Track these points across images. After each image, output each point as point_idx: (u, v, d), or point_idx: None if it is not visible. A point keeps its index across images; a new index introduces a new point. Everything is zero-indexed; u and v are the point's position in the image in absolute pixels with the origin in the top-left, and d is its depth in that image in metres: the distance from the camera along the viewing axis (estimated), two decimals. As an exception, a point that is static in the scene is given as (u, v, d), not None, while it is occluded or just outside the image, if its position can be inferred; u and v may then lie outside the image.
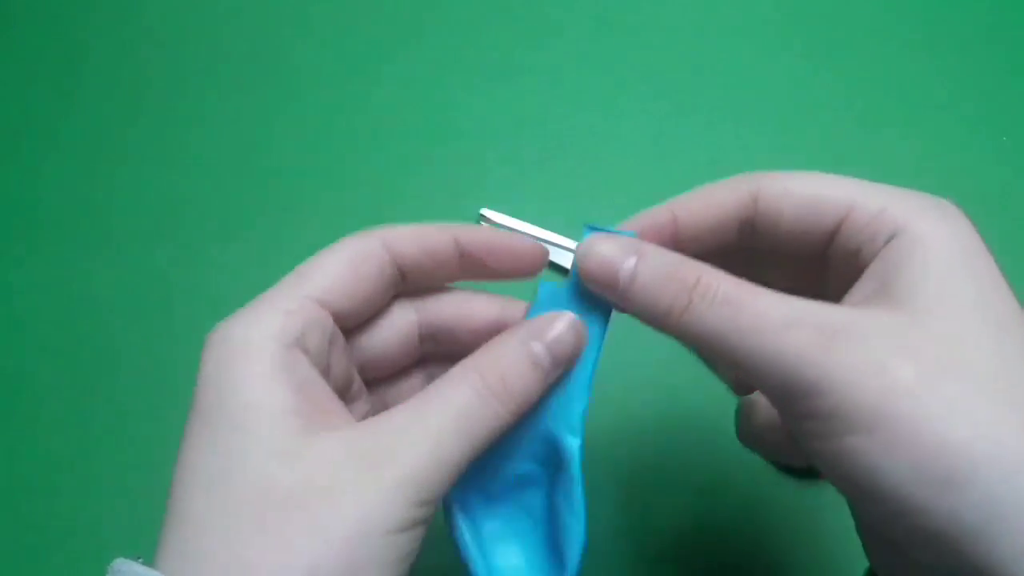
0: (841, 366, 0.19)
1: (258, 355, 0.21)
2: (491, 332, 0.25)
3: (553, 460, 0.25)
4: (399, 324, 0.27)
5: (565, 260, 0.41)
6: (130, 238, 0.43)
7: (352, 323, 0.25)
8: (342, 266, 0.24)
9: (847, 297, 0.22)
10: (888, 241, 0.21)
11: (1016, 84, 0.46)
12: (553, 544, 0.25)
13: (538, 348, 0.23)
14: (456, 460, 0.21)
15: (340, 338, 0.25)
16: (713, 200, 0.25)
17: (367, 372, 0.27)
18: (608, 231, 0.24)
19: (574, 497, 0.24)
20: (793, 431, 0.21)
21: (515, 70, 0.48)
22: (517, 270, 0.27)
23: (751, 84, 0.47)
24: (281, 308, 0.22)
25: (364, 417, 0.25)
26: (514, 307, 0.27)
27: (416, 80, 0.48)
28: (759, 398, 0.28)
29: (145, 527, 0.21)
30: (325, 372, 0.23)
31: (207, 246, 0.43)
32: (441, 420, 0.21)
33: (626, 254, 0.22)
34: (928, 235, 0.21)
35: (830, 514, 0.35)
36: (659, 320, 0.22)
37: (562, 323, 0.24)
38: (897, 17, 0.49)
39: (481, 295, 0.28)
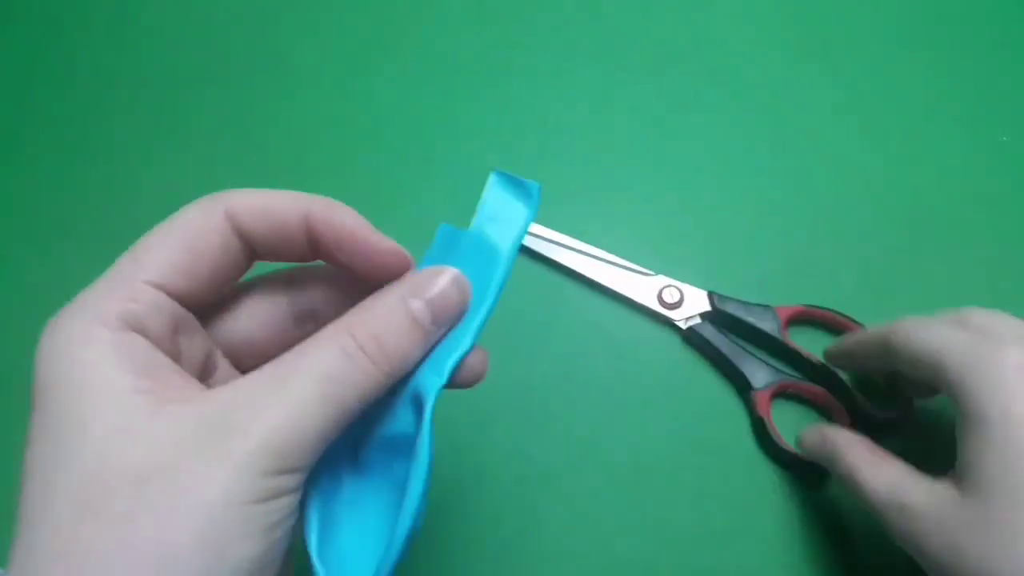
0: (906, 542, 0.26)
1: (92, 342, 0.19)
2: None
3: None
4: (263, 305, 0.24)
5: (561, 257, 0.41)
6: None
7: (203, 303, 0.23)
8: (179, 247, 0.21)
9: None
10: (963, 414, 0.26)
11: (1015, 84, 0.46)
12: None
13: (417, 305, 0.22)
14: (321, 426, 0.19)
15: (191, 321, 0.22)
16: (857, 355, 0.34)
17: (243, 360, 0.24)
18: (515, 179, 0.25)
19: (419, 449, 0.21)
20: None
21: (515, 69, 0.48)
22: (371, 272, 0.23)
23: (751, 83, 0.47)
24: (115, 295, 0.20)
25: None
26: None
27: (416, 80, 0.48)
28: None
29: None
30: (175, 357, 0.21)
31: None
32: (304, 384, 0.19)
33: (822, 438, 0.32)
34: (998, 415, 0.24)
35: (834, 515, 0.35)
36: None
37: (445, 279, 0.22)
38: (896, 16, 0.49)
39: None
